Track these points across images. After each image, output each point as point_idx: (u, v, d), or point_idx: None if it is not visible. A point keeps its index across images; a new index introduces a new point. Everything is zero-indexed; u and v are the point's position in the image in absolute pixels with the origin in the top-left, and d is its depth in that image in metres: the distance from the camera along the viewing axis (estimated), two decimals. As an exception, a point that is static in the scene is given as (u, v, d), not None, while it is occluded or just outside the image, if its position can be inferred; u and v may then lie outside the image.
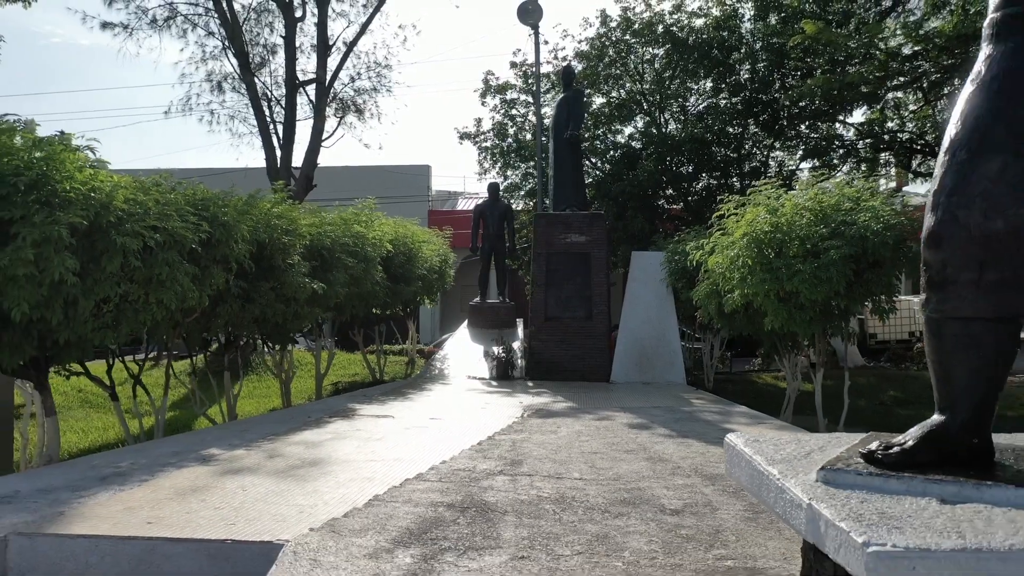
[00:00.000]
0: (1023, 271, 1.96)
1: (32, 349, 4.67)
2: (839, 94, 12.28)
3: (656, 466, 4.47)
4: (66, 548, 2.97)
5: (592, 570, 2.64)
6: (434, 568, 2.65)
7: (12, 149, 4.40)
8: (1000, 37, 2.08)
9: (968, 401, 2.06)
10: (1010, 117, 2.00)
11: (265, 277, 6.74)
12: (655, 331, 10.54)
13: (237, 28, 13.44)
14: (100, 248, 4.64)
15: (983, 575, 1.52)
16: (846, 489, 1.95)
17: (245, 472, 4.19)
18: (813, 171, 13.99)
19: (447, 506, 3.48)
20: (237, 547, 2.91)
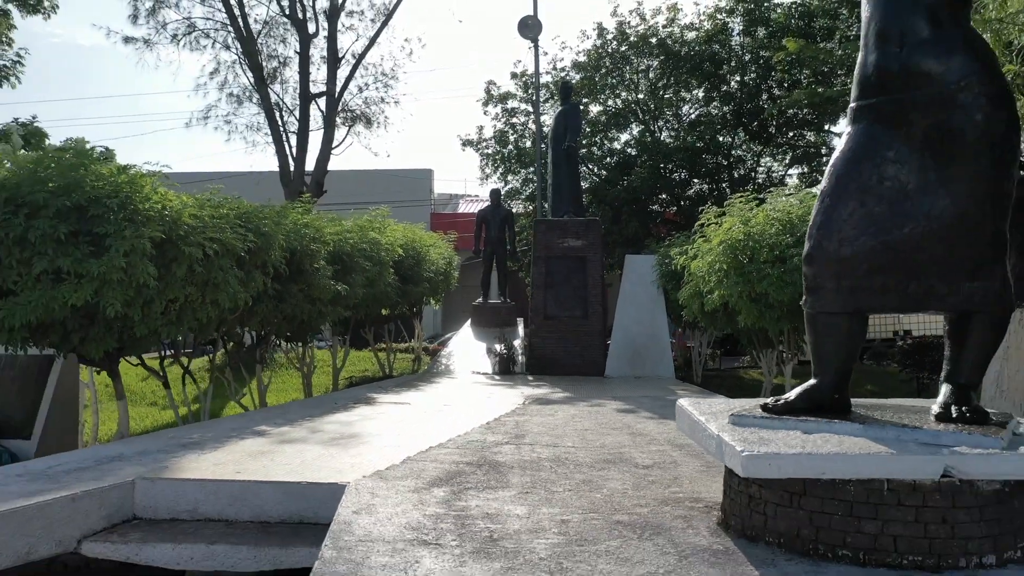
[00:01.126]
0: (864, 282, 2.97)
1: (113, 342, 5.68)
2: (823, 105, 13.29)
3: (636, 438, 5.48)
4: (179, 489, 3.98)
5: (579, 499, 3.65)
6: (461, 498, 3.66)
7: (104, 176, 5.40)
8: (855, 120, 3.10)
9: (832, 368, 3.08)
10: (858, 177, 3.01)
11: (295, 280, 7.75)
12: (647, 329, 11.54)
13: (252, 43, 14.43)
14: (170, 256, 5.64)
15: (808, 467, 2.54)
16: (744, 427, 2.97)
17: (296, 442, 5.20)
18: (801, 177, 15.01)
19: (466, 463, 4.49)
20: (310, 487, 3.92)
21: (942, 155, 2.91)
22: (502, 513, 3.39)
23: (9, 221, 5.02)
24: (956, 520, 2.59)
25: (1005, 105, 2.89)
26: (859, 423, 2.90)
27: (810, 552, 2.70)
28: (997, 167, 2.90)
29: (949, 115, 2.88)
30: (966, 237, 2.92)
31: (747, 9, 15.28)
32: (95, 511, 3.75)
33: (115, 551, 3.63)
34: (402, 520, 3.28)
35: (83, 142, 6.45)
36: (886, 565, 2.60)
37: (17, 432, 6.80)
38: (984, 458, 2.58)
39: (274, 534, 3.75)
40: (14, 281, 5.18)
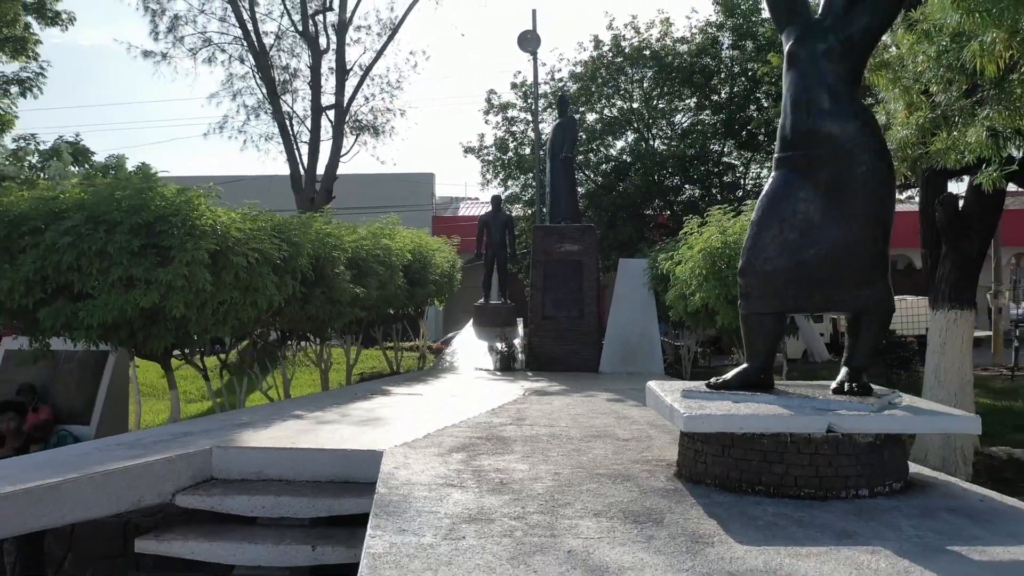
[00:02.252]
0: (782, 290, 4.04)
1: (171, 339, 6.74)
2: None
3: (620, 421, 6.54)
4: (247, 456, 5.03)
5: (568, 460, 4.71)
6: (475, 459, 4.72)
7: (166, 196, 6.45)
8: (776, 168, 4.17)
9: (759, 356, 4.14)
10: (778, 212, 4.07)
11: (318, 283, 8.79)
12: (639, 328, 12.59)
13: (264, 57, 15.48)
14: (221, 265, 6.69)
15: (731, 424, 3.61)
16: (691, 399, 4.03)
17: (332, 423, 6.25)
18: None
19: (476, 437, 5.55)
20: (354, 453, 4.98)
21: (839, 197, 3.97)
22: (508, 468, 4.45)
23: (92, 235, 6.06)
24: (839, 463, 3.66)
25: (885, 160, 3.95)
26: (775, 395, 3.97)
27: (735, 488, 3.76)
28: (880, 206, 3.96)
29: (844, 167, 3.94)
30: (857, 257, 3.98)
31: (736, 24, 16.35)
32: (185, 471, 4.81)
33: (202, 502, 4.69)
34: (432, 472, 4.34)
35: (124, 159, 7.54)
36: (788, 496, 3.66)
37: (77, 418, 7.84)
38: (858, 419, 3.64)
39: (327, 490, 4.81)
40: (92, 286, 6.22)
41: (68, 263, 6.09)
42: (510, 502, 3.70)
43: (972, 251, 7.11)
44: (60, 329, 6.39)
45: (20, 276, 6.14)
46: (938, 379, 7.31)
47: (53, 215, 6.25)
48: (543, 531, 3.21)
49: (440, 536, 3.13)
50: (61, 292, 6.34)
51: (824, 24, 4.12)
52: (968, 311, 7.19)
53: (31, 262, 6.10)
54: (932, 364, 7.41)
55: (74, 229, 6.07)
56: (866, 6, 4.01)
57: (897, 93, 5.20)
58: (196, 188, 6.78)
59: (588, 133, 18.17)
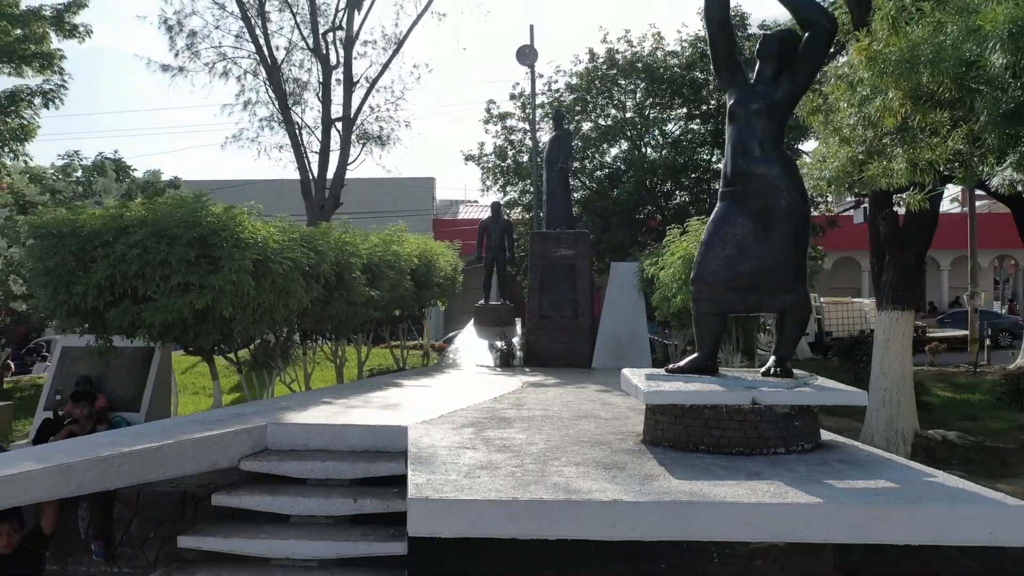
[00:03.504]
0: (723, 296, 5.30)
1: (217, 336, 7.98)
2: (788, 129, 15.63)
3: (605, 406, 7.80)
4: (296, 431, 6.27)
5: (558, 432, 5.96)
6: (483, 432, 5.97)
7: (215, 214, 7.69)
8: (721, 199, 5.42)
9: (707, 347, 5.40)
10: (721, 234, 5.33)
11: (337, 287, 10.03)
12: (629, 327, 13.84)
13: (276, 71, 16.72)
14: (261, 272, 7.93)
15: (680, 398, 4.87)
16: (652, 380, 5.29)
17: (358, 407, 7.49)
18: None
19: (482, 417, 6.80)
20: (383, 428, 6.22)
21: (767, 223, 5.23)
22: (509, 437, 5.71)
23: (156, 248, 7.30)
24: (762, 428, 4.91)
25: (802, 195, 5.21)
26: (717, 378, 5.23)
27: (684, 448, 5.02)
28: (798, 230, 5.22)
29: (771, 200, 5.20)
30: (780, 270, 5.23)
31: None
32: (247, 442, 6.05)
33: (262, 466, 5.94)
34: (449, 440, 5.60)
35: (159, 173, 8.75)
36: (724, 453, 4.91)
37: (128, 406, 9.08)
38: (776, 394, 4.90)
39: (362, 457, 6.05)
40: (153, 291, 7.46)
41: (134, 271, 7.33)
42: (511, 458, 4.95)
43: (910, 260, 8.37)
44: (125, 328, 7.63)
45: (93, 282, 7.37)
46: (883, 371, 8.59)
47: (121, 230, 7.48)
48: (536, 473, 4.47)
49: (461, 475, 4.39)
50: (126, 296, 7.58)
51: (756, 89, 5.37)
52: (908, 312, 8.46)
53: (103, 270, 7.33)
54: (877, 358, 8.69)
55: (140, 243, 7.31)
56: (786, 78, 5.26)
57: (830, 132, 6.46)
58: (240, 206, 8.03)
59: (583, 141, 19.43)
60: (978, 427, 10.12)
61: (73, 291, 7.39)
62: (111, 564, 7.59)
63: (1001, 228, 24.47)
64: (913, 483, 4.16)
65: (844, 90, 6.32)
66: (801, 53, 5.22)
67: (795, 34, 5.38)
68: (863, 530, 3.67)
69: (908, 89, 5.63)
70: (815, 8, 5.27)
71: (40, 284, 7.53)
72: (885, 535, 3.68)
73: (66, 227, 7.48)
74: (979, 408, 11.32)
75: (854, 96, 6.16)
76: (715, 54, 5.70)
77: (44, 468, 4.60)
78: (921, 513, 3.72)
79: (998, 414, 10.74)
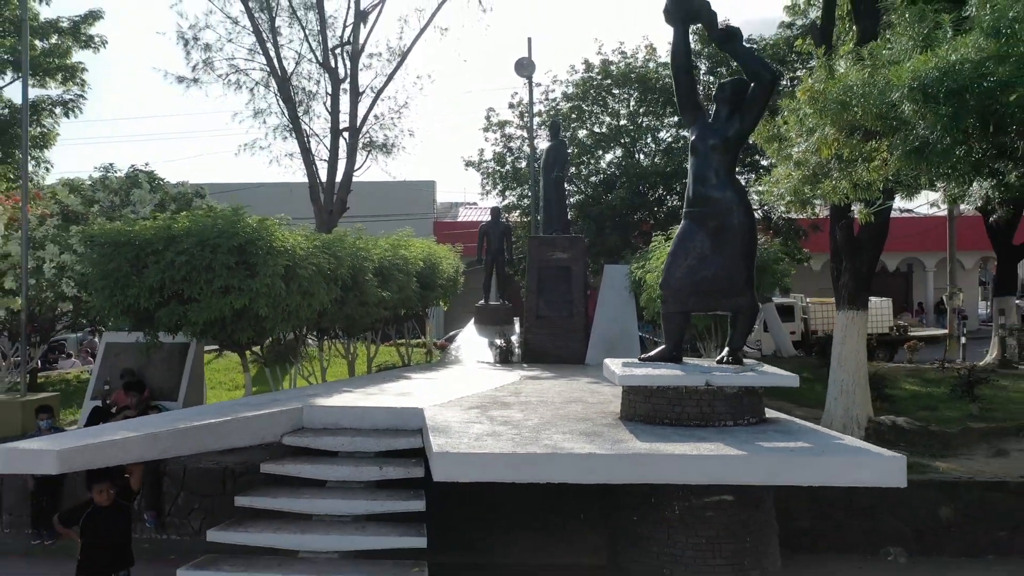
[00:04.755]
0: (685, 298, 6.58)
1: (251, 332, 9.23)
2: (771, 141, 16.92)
3: (593, 394, 9.07)
4: (327, 412, 7.54)
5: (551, 413, 7.23)
6: (487, 412, 7.24)
7: (251, 224, 8.94)
8: (684, 219, 6.71)
9: (672, 340, 6.70)
10: (684, 247, 6.61)
11: (352, 289, 11.29)
12: (620, 326, 15.09)
13: (287, 84, 17.98)
14: (290, 276, 9.19)
15: (648, 380, 6.16)
16: (627, 367, 6.57)
17: (376, 395, 8.76)
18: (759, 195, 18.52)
19: (486, 401, 8.07)
20: (403, 409, 7.49)
21: (721, 239, 6.49)
22: (510, 416, 6.99)
23: (201, 255, 8.54)
24: (715, 405, 6.18)
25: (750, 216, 6.49)
26: (680, 365, 6.50)
27: (652, 422, 6.29)
28: (746, 245, 6.49)
29: (724, 220, 6.47)
30: (733, 278, 6.50)
31: (711, 52, 18.87)
32: (288, 421, 7.32)
33: (301, 441, 7.20)
34: (459, 417, 6.87)
35: (191, 186, 9.99)
36: (683, 426, 6.17)
37: (166, 395, 10.34)
38: (726, 377, 6.18)
39: (384, 434, 7.31)
40: (197, 293, 8.71)
41: (182, 275, 8.58)
42: (511, 429, 6.23)
43: (864, 265, 9.66)
44: (172, 326, 8.89)
45: (145, 286, 8.63)
46: (840, 364, 9.88)
47: (170, 240, 8.73)
48: (531, 439, 5.74)
49: (471, 439, 5.66)
50: (173, 297, 8.83)
51: (713, 127, 6.64)
52: (862, 312, 9.75)
53: (154, 275, 8.59)
54: (836, 352, 9.98)
55: (187, 250, 8.56)
56: (737, 118, 6.52)
57: (783, 157, 7.75)
58: (272, 218, 9.29)
59: (579, 147, 20.68)
60: (934, 416, 11.38)
61: (128, 293, 8.65)
62: (161, 531, 8.90)
63: (984, 231, 25.69)
64: (824, 445, 5.44)
65: (794, 122, 7.60)
66: (748, 99, 6.49)
67: (745, 82, 6.65)
68: (776, 475, 4.94)
69: (843, 124, 6.92)
70: (758, 63, 6.53)
71: (98, 287, 8.78)
72: (793, 478, 4.96)
73: (122, 237, 8.74)
74: (939, 400, 12.57)
75: (802, 128, 7.45)
76: (680, 96, 6.98)
77: (138, 435, 5.87)
78: (822, 462, 5.00)
79: (954, 405, 11.99)
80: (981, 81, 5.63)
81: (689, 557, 5.97)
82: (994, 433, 10.18)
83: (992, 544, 8.32)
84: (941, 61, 5.73)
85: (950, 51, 5.70)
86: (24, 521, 8.98)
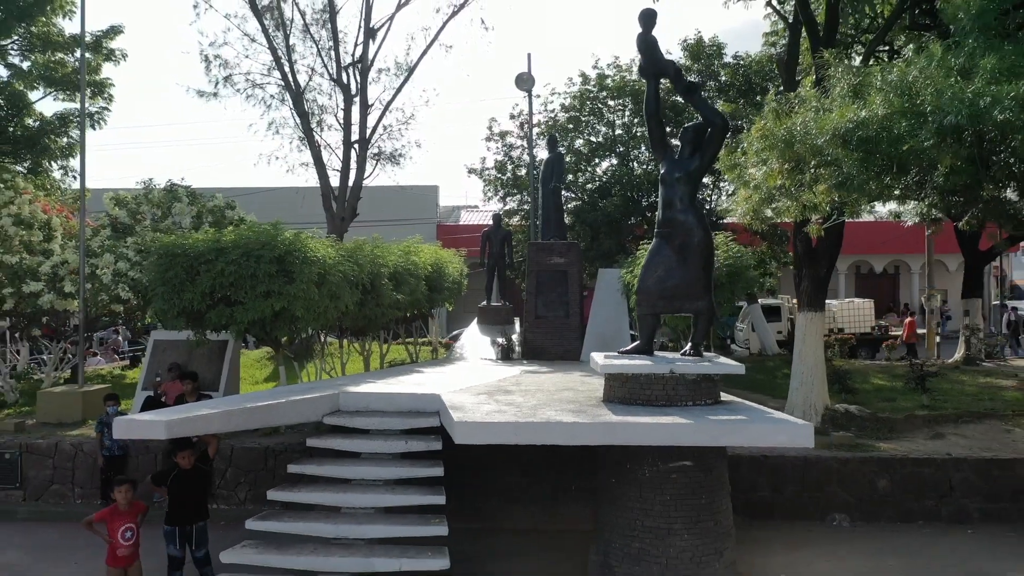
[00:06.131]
0: (656, 302, 8.30)
1: (286, 331, 10.94)
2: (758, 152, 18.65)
3: (584, 384, 10.78)
4: (359, 397, 9.25)
5: (547, 397, 8.94)
6: (494, 396, 8.96)
7: (288, 238, 10.64)
8: (655, 237, 8.43)
9: (645, 336, 8.42)
10: (655, 260, 8.33)
11: (370, 292, 12.99)
12: (613, 325, 16.77)
13: (300, 97, 19.69)
14: (320, 281, 10.88)
15: (624, 368, 7.89)
16: (609, 359, 8.29)
17: (396, 385, 10.45)
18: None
19: (492, 389, 9.78)
20: (422, 395, 9.21)
21: (684, 254, 8.19)
22: (512, 399, 8.70)
23: (246, 264, 10.23)
24: (678, 389, 7.89)
25: (709, 234, 8.20)
26: (651, 357, 8.21)
27: (627, 403, 8.00)
28: (705, 259, 8.20)
29: (687, 238, 8.17)
30: (694, 285, 8.20)
31: (700, 67, 20.60)
32: (327, 404, 9.02)
33: (338, 420, 8.90)
34: (471, 400, 8.58)
35: (222, 199, 11.68)
36: (652, 405, 7.87)
37: (208, 387, 12.03)
38: (685, 366, 7.89)
39: (408, 415, 9.00)
40: (242, 296, 10.40)
41: (230, 282, 10.28)
42: (514, 408, 7.94)
43: (821, 271, 11.37)
44: (220, 325, 10.58)
45: (199, 290, 10.32)
46: (800, 358, 11.59)
47: (219, 251, 10.41)
48: (530, 414, 7.45)
49: (482, 415, 7.38)
50: (221, 301, 10.52)
51: (679, 163, 8.34)
52: (820, 313, 11.46)
53: (206, 281, 10.28)
54: (797, 348, 11.70)
55: (235, 260, 10.26)
56: (698, 156, 8.21)
57: (741, 183, 9.46)
58: (306, 232, 11.00)
59: (576, 156, 22.40)
60: (891, 406, 13.09)
61: (183, 297, 10.35)
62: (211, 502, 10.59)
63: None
64: (756, 417, 7.15)
65: (752, 154, 9.31)
66: (705, 141, 8.20)
67: (704, 126, 8.34)
68: (717, 438, 6.65)
69: (789, 156, 8.64)
70: (713, 112, 8.26)
71: (158, 292, 10.47)
72: (730, 441, 6.67)
73: (178, 249, 10.44)
74: (898, 392, 14.30)
75: (757, 159, 9.16)
76: (652, 139, 8.69)
77: (218, 412, 7.58)
78: (752, 428, 6.71)
79: (910, 397, 13.71)
80: (888, 132, 7.35)
81: (657, 511, 7.66)
82: (936, 420, 11.91)
83: (922, 511, 10.06)
84: (854, 115, 7.45)
85: (860, 108, 7.42)
86: (92, 492, 10.70)
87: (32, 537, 9.89)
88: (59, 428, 11.69)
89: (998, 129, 6.75)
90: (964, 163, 7.23)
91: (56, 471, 10.89)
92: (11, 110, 18.74)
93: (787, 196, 8.84)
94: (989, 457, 10.15)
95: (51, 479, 10.90)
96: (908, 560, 8.99)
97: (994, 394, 14.25)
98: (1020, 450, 10.51)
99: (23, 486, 10.84)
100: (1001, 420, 12.16)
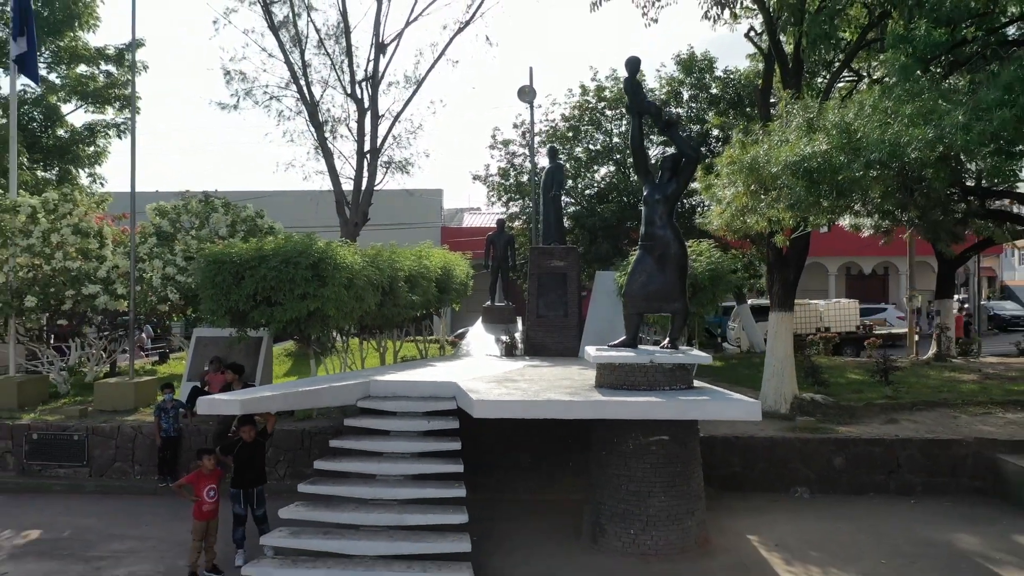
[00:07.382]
0: (639, 303, 10.15)
1: (319, 329, 12.78)
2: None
3: (580, 375, 12.61)
4: (387, 384, 11.08)
5: (547, 384, 10.78)
6: (503, 383, 10.81)
7: (320, 247, 12.47)
8: (639, 250, 10.27)
9: (630, 332, 10.27)
10: (637, 269, 10.17)
11: (389, 294, 14.83)
12: (609, 324, 18.54)
13: (315, 108, 21.53)
14: (348, 285, 12.71)
15: (611, 359, 9.74)
16: (602, 351, 10.14)
17: (414, 375, 12.28)
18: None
19: (499, 379, 11.62)
20: (440, 382, 11.04)
21: (662, 263, 10.01)
22: (518, 386, 10.55)
23: (285, 270, 12.05)
24: (656, 376, 9.73)
25: (683, 247, 10.04)
26: (635, 350, 10.05)
27: (614, 388, 9.84)
28: (680, 268, 10.03)
29: (665, 250, 10.00)
30: (672, 290, 10.03)
31: (693, 81, 22.44)
32: (360, 390, 10.85)
33: (369, 404, 10.73)
34: (484, 386, 10.43)
35: (247, 206, 13.51)
36: (635, 390, 9.71)
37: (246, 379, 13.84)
38: (663, 357, 9.73)
39: (428, 400, 10.82)
40: (281, 298, 12.23)
41: (271, 285, 12.11)
42: (520, 392, 9.79)
43: (790, 276, 13.21)
44: (261, 323, 12.40)
45: (243, 293, 12.15)
46: (772, 353, 13.44)
47: (261, 258, 12.24)
48: (534, 396, 9.29)
49: (495, 396, 9.22)
50: (262, 302, 12.35)
51: (659, 187, 10.14)
52: (789, 312, 13.30)
53: (250, 285, 12.11)
54: (770, 344, 13.54)
55: (275, 267, 12.09)
56: (675, 181, 10.02)
57: (715, 201, 11.30)
58: (336, 241, 12.84)
59: (575, 163, 24.23)
60: (858, 396, 14.93)
61: (231, 298, 12.19)
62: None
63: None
64: (717, 397, 8.98)
65: (723, 176, 11.14)
66: (681, 169, 10.03)
67: (679, 156, 10.16)
68: (683, 412, 8.51)
69: (753, 180, 10.48)
70: (686, 144, 10.10)
71: (208, 295, 12.31)
72: (693, 415, 8.52)
73: (226, 256, 12.28)
74: (867, 385, 16.14)
75: (728, 180, 10.99)
76: (636, 166, 10.52)
77: (277, 394, 9.43)
78: (710, 404, 8.57)
79: (876, 388, 15.55)
80: (829, 164, 9.18)
81: (639, 477, 9.49)
82: (893, 407, 13.75)
83: (872, 484, 11.90)
84: (801, 150, 9.29)
85: (807, 145, 9.26)
86: (150, 470, 12.55)
87: (101, 506, 11.72)
88: (115, 415, 13.53)
89: (914, 164, 8.58)
90: (892, 190, 9.08)
91: (118, 451, 12.73)
92: (45, 122, 20.55)
93: (754, 212, 10.67)
94: (931, 438, 11.99)
95: (114, 458, 12.75)
96: (858, 524, 10.80)
97: (953, 387, 16.09)
98: (961, 432, 12.35)
99: (89, 464, 12.69)
100: (951, 408, 14.00)
